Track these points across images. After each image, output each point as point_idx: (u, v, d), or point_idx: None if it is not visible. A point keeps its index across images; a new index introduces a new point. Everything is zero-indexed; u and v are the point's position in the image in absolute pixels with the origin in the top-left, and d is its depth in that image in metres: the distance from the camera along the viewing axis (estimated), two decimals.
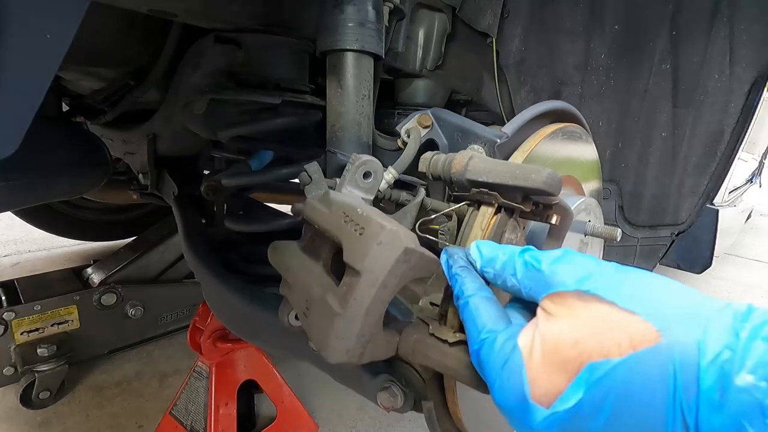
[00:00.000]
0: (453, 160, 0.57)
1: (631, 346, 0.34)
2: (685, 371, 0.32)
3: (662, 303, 0.35)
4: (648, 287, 0.37)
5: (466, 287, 0.46)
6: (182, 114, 1.11)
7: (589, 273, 0.39)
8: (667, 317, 0.34)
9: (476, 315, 0.44)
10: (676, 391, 0.32)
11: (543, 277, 0.41)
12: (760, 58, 1.04)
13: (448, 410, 0.65)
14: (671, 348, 0.33)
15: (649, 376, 0.33)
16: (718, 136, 1.13)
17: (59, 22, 0.41)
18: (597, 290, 0.37)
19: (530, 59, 1.08)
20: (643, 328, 0.34)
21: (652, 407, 0.33)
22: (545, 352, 0.38)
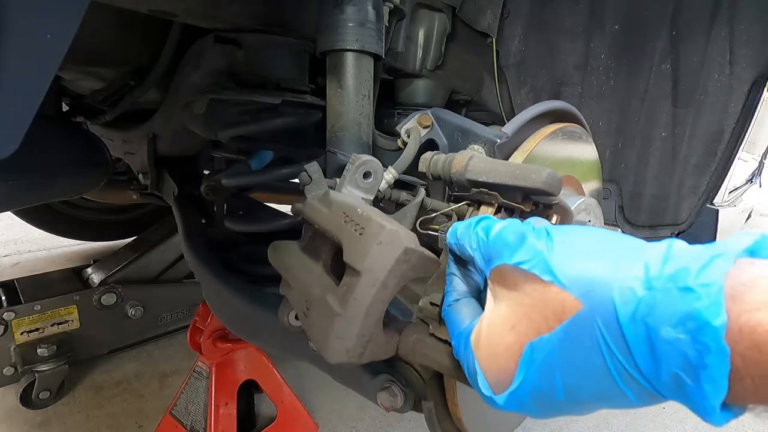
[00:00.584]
0: (453, 160, 0.57)
1: (557, 318, 0.34)
2: (613, 334, 0.31)
3: (581, 266, 0.34)
4: (571, 250, 0.36)
5: (447, 297, 0.48)
6: (182, 114, 1.11)
7: (519, 242, 0.39)
8: (585, 282, 0.33)
9: (450, 322, 0.46)
10: (611, 354, 0.31)
11: (488, 248, 0.41)
12: (760, 58, 1.04)
13: (448, 410, 0.65)
14: (593, 312, 0.32)
15: (581, 343, 0.32)
16: (718, 136, 1.13)
17: (59, 22, 0.41)
18: (523, 262, 0.37)
19: (530, 59, 1.08)
20: (563, 298, 0.34)
21: (598, 370, 0.32)
22: (490, 342, 0.39)
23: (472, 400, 0.65)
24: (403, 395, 0.62)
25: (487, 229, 0.42)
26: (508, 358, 0.37)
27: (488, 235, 0.42)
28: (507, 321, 0.38)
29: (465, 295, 0.47)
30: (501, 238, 0.40)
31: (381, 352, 0.51)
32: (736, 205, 2.28)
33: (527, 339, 0.36)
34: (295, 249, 0.60)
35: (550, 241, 0.37)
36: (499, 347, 0.38)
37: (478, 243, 0.43)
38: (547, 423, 1.77)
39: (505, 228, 0.41)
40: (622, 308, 0.30)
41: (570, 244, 0.37)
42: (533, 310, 0.36)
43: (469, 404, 0.65)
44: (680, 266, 0.29)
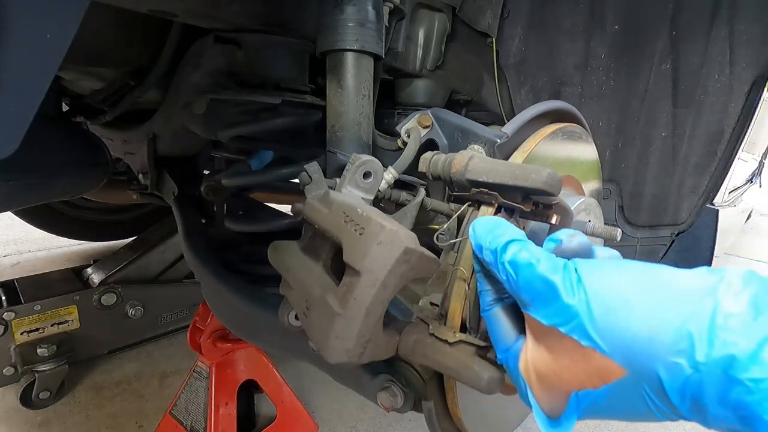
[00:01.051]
0: (453, 160, 0.57)
1: (601, 379, 0.36)
2: (659, 397, 0.33)
3: (622, 333, 0.34)
4: (608, 309, 0.35)
5: (482, 300, 0.48)
6: (182, 114, 1.11)
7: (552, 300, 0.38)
8: (628, 351, 0.34)
9: (493, 330, 0.47)
10: (657, 406, 0.34)
11: (519, 290, 0.41)
12: (760, 58, 1.04)
13: (448, 410, 0.65)
14: (639, 381, 0.34)
15: (628, 399, 0.35)
16: (718, 136, 1.13)
17: (59, 22, 0.41)
18: (559, 325, 0.38)
19: (530, 59, 1.08)
20: (606, 364, 0.35)
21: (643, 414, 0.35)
22: (538, 378, 0.41)
23: (472, 400, 0.65)
24: (403, 395, 0.62)
25: (515, 265, 0.41)
26: (557, 397, 0.40)
27: (517, 273, 0.41)
28: (551, 368, 0.40)
29: (500, 296, 0.47)
30: (531, 287, 0.40)
31: (381, 352, 0.51)
32: (736, 205, 2.27)
33: (571, 389, 0.38)
34: (295, 249, 0.60)
35: (584, 295, 0.37)
36: (547, 388, 0.41)
37: (507, 277, 0.42)
38: None
39: (534, 273, 0.39)
40: (669, 383, 0.32)
41: (606, 297, 0.36)
42: (576, 366, 0.37)
43: (469, 404, 0.65)
44: (728, 353, 0.30)
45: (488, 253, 0.44)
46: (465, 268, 0.55)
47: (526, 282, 0.40)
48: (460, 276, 0.56)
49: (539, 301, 0.39)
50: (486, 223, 0.47)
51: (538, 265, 0.40)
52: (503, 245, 0.43)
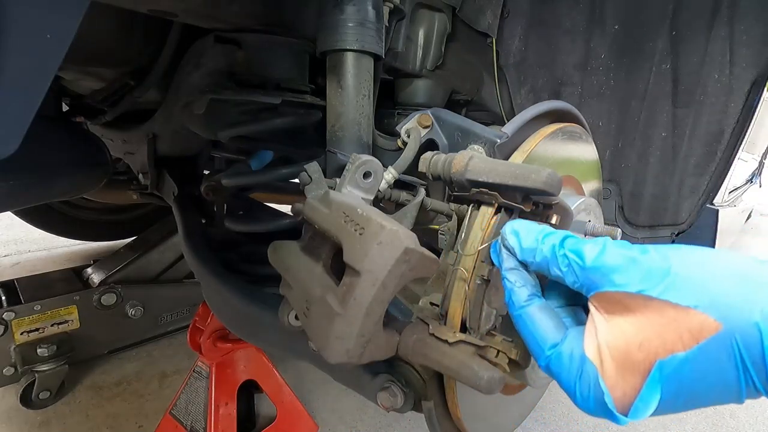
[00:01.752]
0: (453, 160, 0.57)
1: (694, 338, 0.35)
2: (751, 353, 0.33)
3: (714, 289, 0.36)
4: (698, 274, 0.37)
5: (517, 297, 0.46)
6: (182, 114, 1.11)
7: (633, 270, 0.39)
8: (723, 304, 0.35)
9: (534, 328, 0.45)
10: (744, 367, 0.34)
11: (588, 274, 0.41)
12: (760, 58, 1.04)
13: (448, 410, 0.65)
14: (732, 334, 0.34)
15: (718, 362, 0.35)
16: (718, 136, 1.13)
17: (59, 22, 0.41)
18: (647, 291, 0.38)
19: (530, 59, 1.08)
20: (702, 319, 0.35)
21: (725, 383, 0.35)
22: (615, 358, 0.39)
23: (472, 400, 0.65)
24: (403, 395, 0.62)
25: (579, 252, 0.42)
26: (636, 375, 0.38)
27: (583, 259, 0.41)
28: (633, 340, 0.38)
29: (532, 295, 0.46)
30: (608, 264, 0.40)
31: (381, 352, 0.51)
32: (736, 205, 2.27)
33: (656, 357, 0.37)
34: (295, 249, 0.60)
35: (668, 258, 0.38)
36: (627, 365, 0.39)
37: (570, 266, 0.42)
38: (547, 423, 1.77)
39: (608, 252, 0.41)
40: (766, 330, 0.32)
41: (691, 265, 0.37)
42: (667, 330, 0.37)
43: (469, 404, 0.65)
44: None
45: (540, 252, 0.45)
46: (465, 268, 0.55)
47: (598, 259, 0.40)
48: (460, 276, 0.56)
49: (617, 273, 0.39)
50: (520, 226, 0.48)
51: (606, 244, 0.41)
52: (561, 240, 0.44)
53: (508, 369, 0.50)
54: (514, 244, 0.47)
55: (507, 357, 0.51)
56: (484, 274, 0.54)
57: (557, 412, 1.83)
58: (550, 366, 0.43)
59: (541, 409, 1.83)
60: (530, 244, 0.46)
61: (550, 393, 0.54)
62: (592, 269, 0.41)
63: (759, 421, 1.92)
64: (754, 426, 1.89)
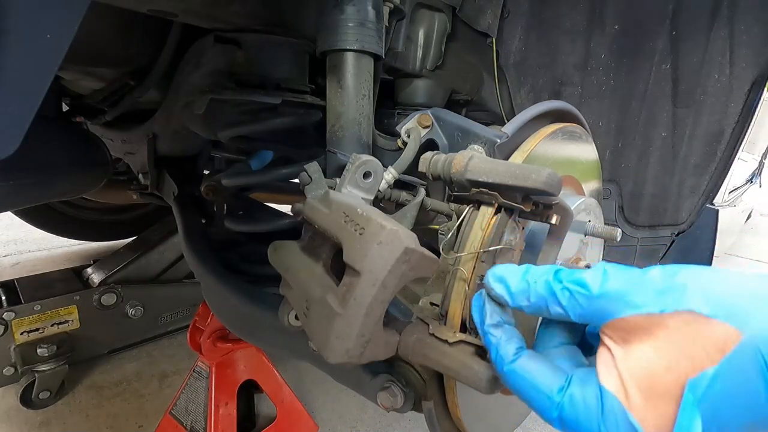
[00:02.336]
0: (453, 160, 0.57)
1: (720, 350, 0.34)
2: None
3: (729, 301, 0.35)
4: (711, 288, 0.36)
5: (505, 351, 0.43)
6: (182, 114, 1.11)
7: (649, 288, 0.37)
8: (739, 314, 0.34)
9: (532, 380, 0.41)
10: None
11: (597, 303, 0.39)
12: (760, 58, 1.04)
13: (448, 410, 0.65)
14: (755, 341, 0.33)
15: (745, 373, 0.33)
16: (718, 136, 1.13)
17: (59, 22, 0.41)
18: (669, 307, 0.36)
19: (530, 59, 1.08)
20: (723, 329, 0.34)
21: (757, 401, 0.33)
22: (642, 387, 0.36)
23: (472, 400, 0.65)
24: (403, 395, 0.62)
25: (581, 282, 0.40)
26: (667, 403, 0.36)
27: (589, 289, 0.39)
28: (659, 363, 0.36)
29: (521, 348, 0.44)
30: (617, 289, 0.38)
31: (381, 352, 0.51)
32: (736, 205, 2.27)
33: (686, 377, 0.35)
34: (295, 249, 0.60)
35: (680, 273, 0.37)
36: (655, 392, 0.36)
37: (573, 299, 0.40)
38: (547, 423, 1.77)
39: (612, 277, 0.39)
40: None
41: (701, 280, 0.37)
42: (692, 346, 0.35)
43: (469, 404, 0.65)
44: None
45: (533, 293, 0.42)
46: (465, 268, 0.55)
47: (605, 286, 0.38)
48: (460, 276, 0.56)
49: (633, 295, 0.37)
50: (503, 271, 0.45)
51: (609, 270, 0.39)
52: (554, 274, 0.42)
53: None
54: (502, 291, 0.44)
55: None
56: (484, 274, 0.54)
57: None
58: (563, 414, 0.39)
59: None
60: (520, 286, 0.43)
61: None
62: (600, 297, 0.38)
63: None
64: None
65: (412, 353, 0.52)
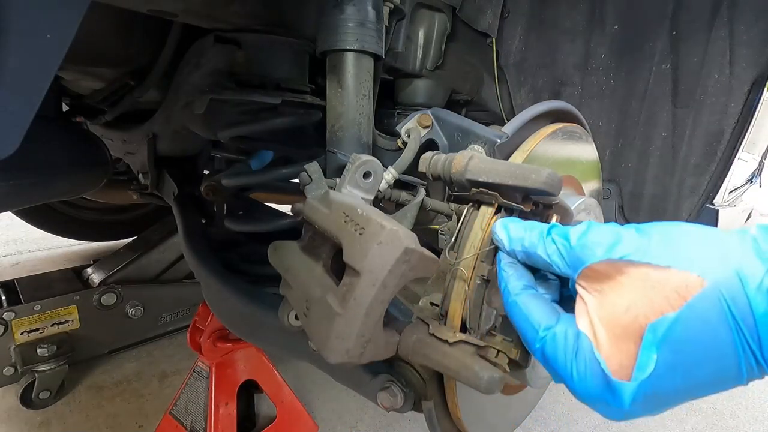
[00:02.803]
0: (453, 160, 0.57)
1: (681, 297, 0.36)
2: (737, 304, 0.34)
3: (691, 250, 0.37)
4: (673, 239, 0.38)
5: (511, 285, 0.47)
6: (182, 114, 1.11)
7: (615, 240, 0.40)
8: (702, 261, 0.36)
9: (528, 313, 0.45)
10: (736, 325, 0.34)
11: (574, 252, 0.42)
12: (760, 58, 1.04)
13: (448, 410, 0.65)
14: (717, 288, 0.34)
15: (707, 319, 0.35)
16: (718, 136, 1.13)
17: (59, 22, 0.41)
18: (628, 255, 0.39)
19: (530, 59, 1.08)
20: (685, 277, 0.36)
21: (720, 348, 0.34)
22: (606, 327, 0.40)
23: (472, 400, 0.65)
24: (403, 395, 0.62)
25: (565, 235, 0.44)
26: (629, 342, 0.38)
27: (569, 240, 0.43)
28: (620, 305, 0.39)
29: (528, 286, 0.47)
30: (591, 240, 0.42)
31: (381, 352, 0.51)
32: (736, 205, 2.27)
33: (647, 320, 0.37)
34: (295, 249, 0.60)
35: (649, 228, 0.40)
36: (618, 332, 0.39)
37: (558, 249, 0.44)
38: (547, 423, 1.77)
39: (592, 230, 0.42)
40: (748, 280, 0.33)
41: (668, 233, 0.39)
42: (653, 291, 0.37)
43: (469, 404, 0.65)
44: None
45: (528, 240, 0.46)
46: (465, 268, 0.55)
47: (586, 239, 0.42)
48: (460, 276, 0.56)
49: (604, 247, 0.40)
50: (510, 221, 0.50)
51: (592, 224, 0.43)
52: (548, 228, 0.46)
53: (508, 369, 0.50)
54: (503, 236, 0.49)
55: (507, 357, 0.51)
56: (484, 274, 0.54)
57: (557, 412, 1.83)
58: (544, 349, 0.43)
59: (541, 409, 1.83)
60: (518, 234, 0.48)
61: (550, 393, 0.54)
62: (577, 247, 0.42)
63: (759, 421, 1.92)
64: (754, 426, 1.89)
65: (412, 353, 0.52)
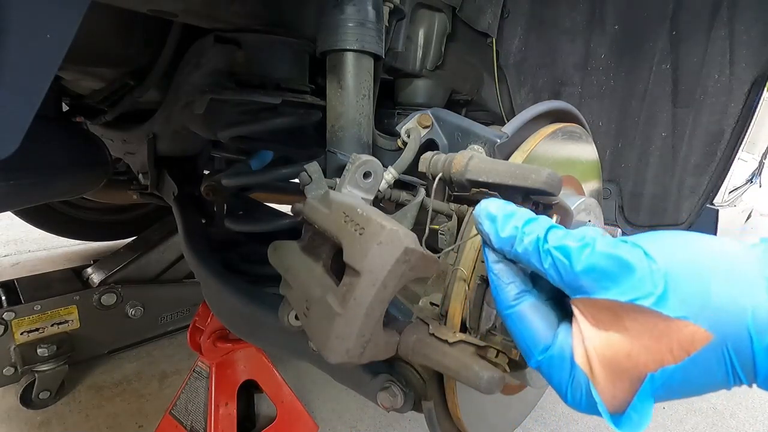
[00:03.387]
0: (453, 160, 0.57)
1: (684, 350, 0.35)
2: (741, 358, 0.33)
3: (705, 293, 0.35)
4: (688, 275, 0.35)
5: (505, 295, 0.44)
6: (182, 114, 1.11)
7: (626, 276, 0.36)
8: (713, 311, 0.34)
9: (524, 329, 0.43)
10: (735, 373, 0.34)
11: (575, 278, 0.38)
12: (760, 58, 1.04)
13: (448, 410, 0.65)
14: (724, 342, 0.34)
15: (708, 370, 0.35)
16: (718, 136, 1.13)
17: (59, 22, 0.41)
18: (639, 299, 0.36)
19: (530, 59, 1.08)
20: (693, 332, 0.35)
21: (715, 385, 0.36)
22: (603, 364, 0.39)
23: (472, 400, 0.65)
24: (403, 395, 0.62)
25: (566, 252, 0.39)
26: (626, 382, 0.38)
27: (572, 262, 0.38)
28: (621, 349, 0.38)
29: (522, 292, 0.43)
30: (597, 270, 0.37)
31: (381, 352, 0.51)
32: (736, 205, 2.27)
33: (647, 369, 0.36)
34: (295, 249, 0.60)
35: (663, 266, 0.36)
36: (616, 373, 0.38)
37: (555, 266, 0.39)
38: (547, 423, 1.77)
39: (597, 256, 0.37)
40: (758, 337, 0.33)
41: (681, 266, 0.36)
42: (656, 343, 0.36)
43: (469, 404, 0.65)
44: None
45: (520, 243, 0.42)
46: (465, 268, 0.55)
47: (587, 263, 0.38)
48: (460, 276, 0.56)
49: (608, 280, 0.37)
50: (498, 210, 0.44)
51: (596, 245, 0.38)
52: (545, 232, 0.41)
53: (508, 369, 0.50)
54: (490, 230, 0.44)
55: (507, 357, 0.51)
56: (484, 274, 0.54)
57: (557, 412, 1.83)
58: (541, 368, 0.43)
59: (541, 409, 1.83)
60: (509, 232, 0.42)
61: (550, 393, 0.53)
62: (581, 273, 0.38)
63: (759, 421, 1.92)
64: (754, 426, 1.89)
65: (412, 353, 0.52)
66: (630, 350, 0.37)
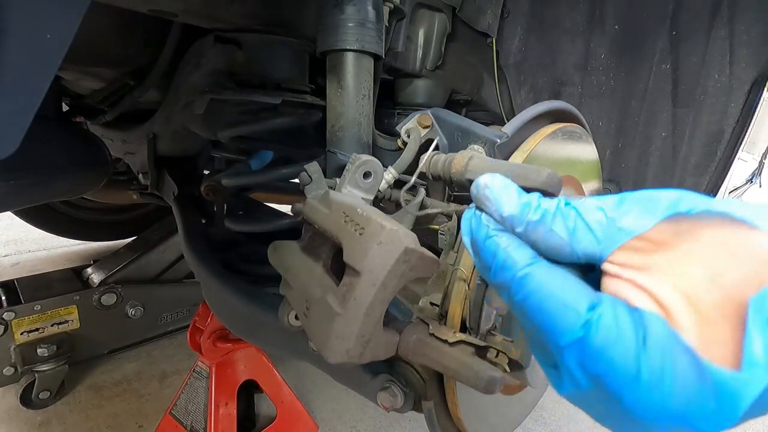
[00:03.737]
0: (453, 160, 0.57)
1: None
2: None
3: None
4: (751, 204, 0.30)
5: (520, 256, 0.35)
6: (182, 114, 1.11)
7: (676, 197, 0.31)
8: None
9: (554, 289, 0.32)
10: None
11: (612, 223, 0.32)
12: (760, 58, 1.04)
13: (448, 410, 0.65)
14: None
15: None
16: (718, 136, 1.13)
17: (59, 22, 0.41)
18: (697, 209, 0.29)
19: (530, 59, 1.08)
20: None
21: None
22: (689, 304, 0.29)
23: (472, 400, 0.65)
24: (403, 395, 0.62)
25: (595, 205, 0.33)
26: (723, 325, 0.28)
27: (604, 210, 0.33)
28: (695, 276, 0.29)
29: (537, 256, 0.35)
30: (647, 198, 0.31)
31: (381, 352, 0.51)
32: None
33: (742, 294, 0.27)
34: (295, 249, 0.60)
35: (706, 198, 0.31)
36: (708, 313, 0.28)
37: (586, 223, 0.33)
38: (547, 423, 1.77)
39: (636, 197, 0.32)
40: None
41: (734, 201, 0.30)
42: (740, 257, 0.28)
43: (469, 404, 0.65)
44: None
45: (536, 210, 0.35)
46: (465, 268, 0.55)
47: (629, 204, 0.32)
48: (460, 276, 0.56)
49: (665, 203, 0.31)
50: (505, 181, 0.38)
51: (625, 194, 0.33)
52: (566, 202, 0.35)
53: (508, 369, 0.50)
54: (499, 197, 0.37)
55: (507, 357, 0.51)
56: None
57: (557, 412, 1.83)
58: (589, 338, 0.30)
59: (541, 409, 1.83)
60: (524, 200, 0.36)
61: (550, 393, 0.53)
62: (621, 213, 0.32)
63: (759, 421, 1.92)
64: (754, 426, 1.89)
65: (412, 353, 0.52)
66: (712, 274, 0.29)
